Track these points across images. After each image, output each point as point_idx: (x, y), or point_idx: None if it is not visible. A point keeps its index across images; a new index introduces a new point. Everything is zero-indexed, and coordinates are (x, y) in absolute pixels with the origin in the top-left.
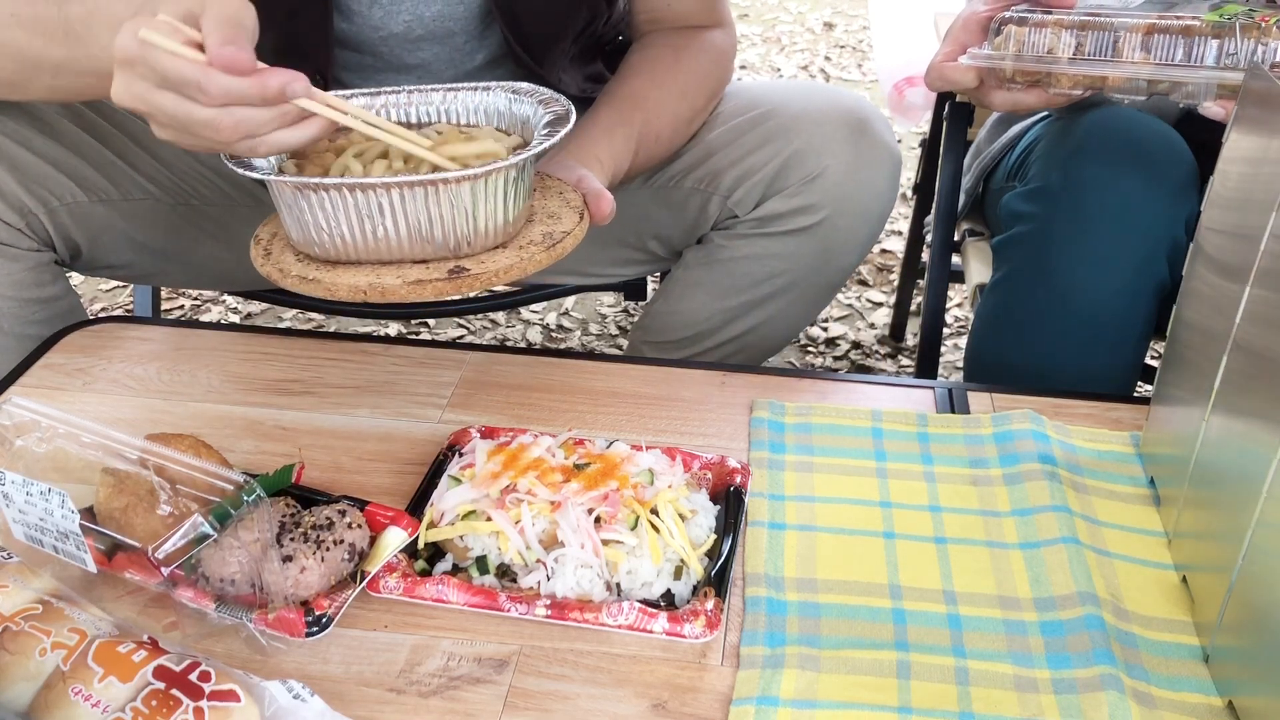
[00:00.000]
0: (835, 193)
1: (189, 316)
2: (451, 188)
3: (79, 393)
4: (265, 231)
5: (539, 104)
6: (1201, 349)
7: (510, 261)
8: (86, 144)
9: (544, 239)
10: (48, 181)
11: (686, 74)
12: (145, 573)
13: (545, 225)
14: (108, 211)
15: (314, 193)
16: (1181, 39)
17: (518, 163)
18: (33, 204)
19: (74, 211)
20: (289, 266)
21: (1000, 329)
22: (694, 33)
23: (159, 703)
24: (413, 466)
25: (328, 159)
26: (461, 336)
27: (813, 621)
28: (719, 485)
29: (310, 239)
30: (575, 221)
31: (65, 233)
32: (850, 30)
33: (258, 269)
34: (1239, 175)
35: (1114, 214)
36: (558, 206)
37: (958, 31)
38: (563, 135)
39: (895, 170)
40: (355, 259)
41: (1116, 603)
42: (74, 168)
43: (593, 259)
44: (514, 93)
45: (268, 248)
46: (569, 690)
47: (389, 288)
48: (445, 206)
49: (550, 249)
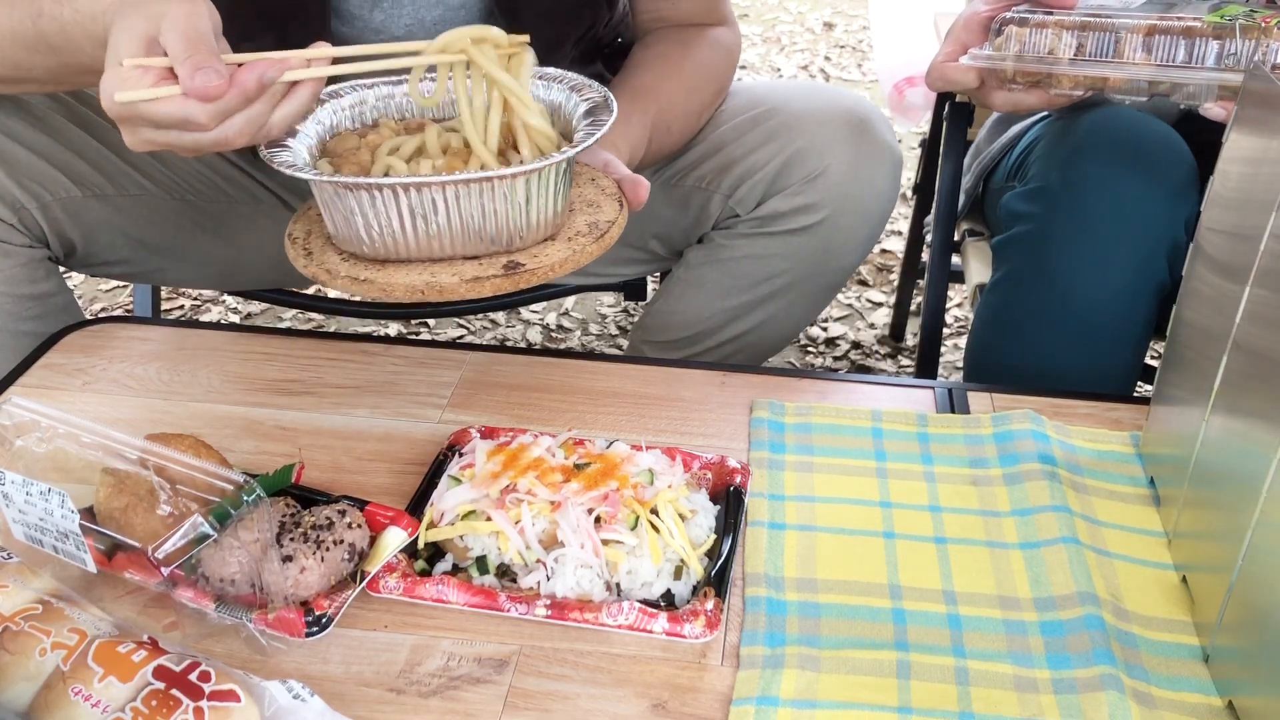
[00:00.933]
0: (836, 192)
1: (189, 316)
2: (507, 183)
3: (79, 393)
4: (299, 229)
5: (571, 90)
6: (1201, 349)
7: (564, 255)
8: (81, 140)
9: (590, 229)
10: (41, 176)
11: (695, 67)
12: (145, 573)
13: (588, 215)
14: (103, 207)
15: (365, 192)
16: (1183, 40)
17: (570, 156)
18: (25, 199)
19: (68, 207)
20: (336, 267)
21: (1000, 329)
22: (699, 29)
23: (159, 703)
24: (413, 466)
25: (363, 156)
26: (461, 336)
27: (813, 621)
28: (719, 485)
29: (359, 237)
30: (616, 210)
31: (59, 228)
32: (850, 30)
33: (299, 270)
34: (1239, 175)
35: (1114, 214)
36: (594, 194)
37: (959, 32)
38: (610, 124)
39: (896, 170)
40: (405, 257)
41: (1116, 603)
42: (68, 163)
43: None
44: (541, 79)
45: (306, 246)
46: (569, 690)
47: (447, 286)
48: (500, 202)
49: (599, 239)
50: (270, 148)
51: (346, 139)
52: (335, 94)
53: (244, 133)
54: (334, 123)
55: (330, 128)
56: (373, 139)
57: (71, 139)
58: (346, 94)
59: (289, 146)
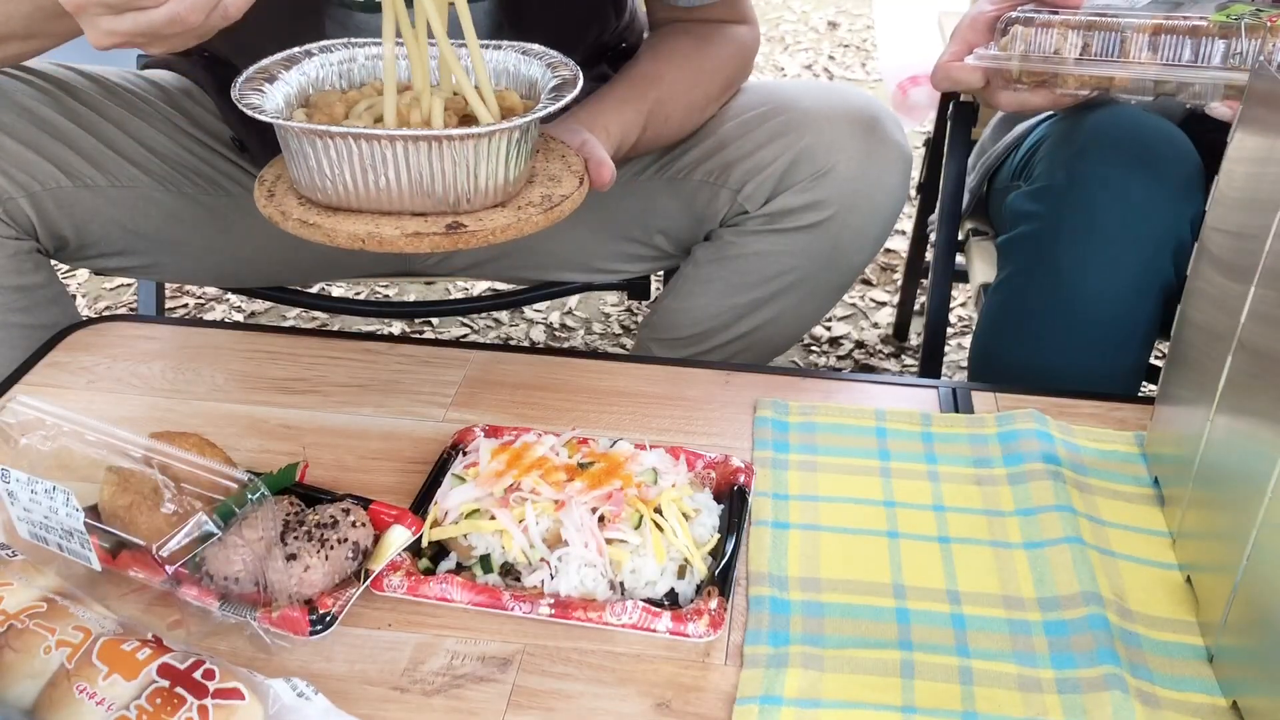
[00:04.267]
0: (846, 189)
1: (193, 315)
2: (455, 144)
3: (83, 391)
4: (270, 173)
5: (547, 67)
6: (1206, 349)
7: (507, 221)
8: (71, 131)
9: (543, 201)
10: (30, 167)
11: (706, 60)
12: (149, 571)
13: (545, 187)
14: (94, 198)
15: (320, 139)
16: (1189, 39)
17: (521, 125)
18: (13, 189)
19: (58, 197)
20: (290, 209)
21: (1004, 329)
22: (718, 25)
23: (163, 700)
24: (417, 465)
25: (337, 110)
26: (465, 335)
27: (816, 621)
28: (723, 484)
29: (314, 184)
30: (575, 186)
31: (49, 220)
32: (854, 29)
33: (260, 209)
34: (1244, 175)
35: (1119, 213)
36: (559, 169)
37: (964, 31)
38: (568, 100)
39: (906, 168)
40: (356, 207)
41: (1120, 603)
42: (57, 154)
43: (598, 254)
44: (524, 53)
45: (271, 189)
46: (572, 689)
47: (387, 238)
48: (447, 162)
49: (548, 211)
50: (244, 89)
51: (329, 94)
52: (327, 49)
53: (197, 8)
54: (320, 76)
55: (316, 80)
56: (353, 96)
57: (61, 129)
58: (337, 49)
59: (263, 90)
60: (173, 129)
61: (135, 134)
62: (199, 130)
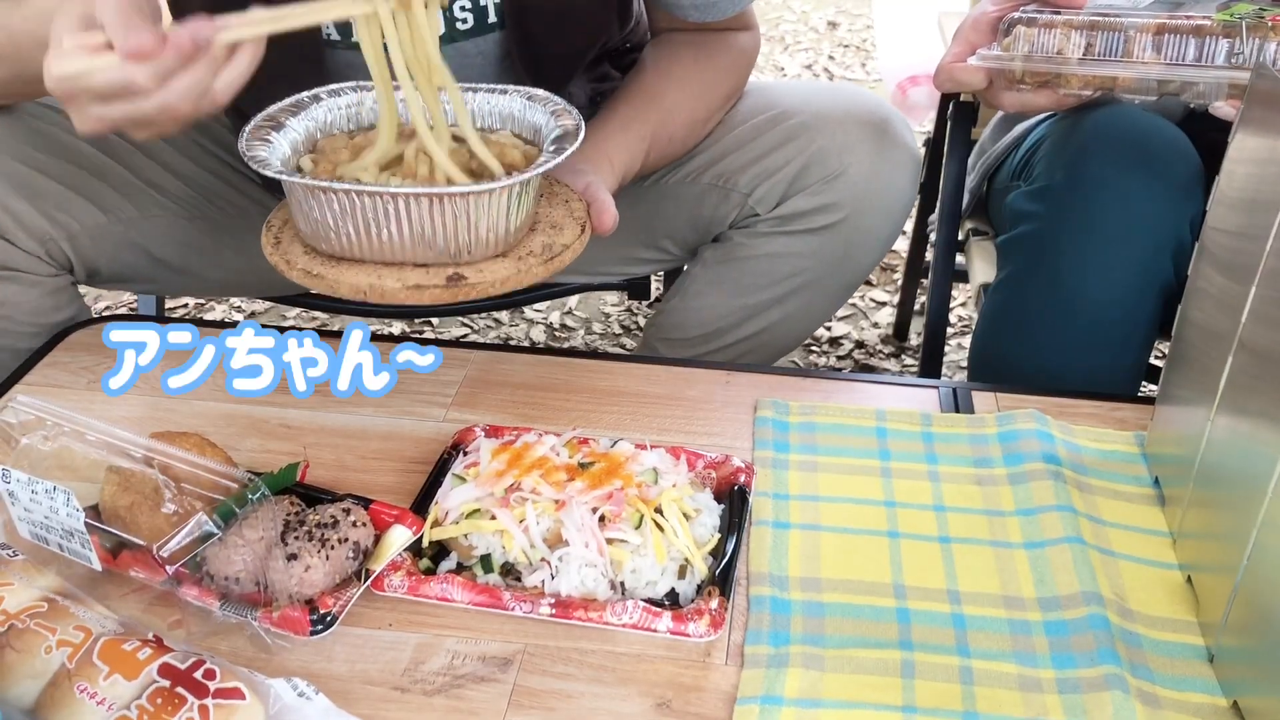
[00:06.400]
0: (857, 191)
1: (193, 315)
2: (455, 200)
3: (84, 391)
4: (277, 219)
5: (551, 114)
6: (1207, 349)
7: (508, 273)
8: (105, 165)
9: (544, 250)
10: (69, 207)
11: (706, 74)
12: (150, 571)
13: (546, 236)
14: (126, 230)
15: (324, 194)
16: (1192, 38)
17: (522, 181)
18: (54, 231)
19: (94, 234)
20: (295, 259)
21: (1004, 328)
22: (719, 34)
23: (164, 700)
24: (417, 465)
25: (343, 156)
26: (465, 336)
27: (817, 621)
28: (723, 484)
29: (318, 234)
30: (576, 234)
31: (85, 255)
32: (854, 29)
33: (265, 255)
34: (1245, 175)
35: (1119, 213)
36: (561, 216)
37: (967, 32)
38: (569, 154)
39: (916, 170)
40: (359, 257)
41: (1121, 603)
42: (94, 191)
43: (603, 258)
44: (529, 99)
45: (278, 235)
46: (573, 689)
47: (389, 290)
48: (448, 216)
49: (548, 262)
50: (251, 140)
51: (337, 139)
52: (335, 93)
53: (187, 97)
54: (329, 120)
55: (324, 125)
56: (359, 141)
57: (97, 164)
58: (346, 93)
59: (269, 141)
60: (199, 152)
61: (165, 162)
62: (220, 149)
